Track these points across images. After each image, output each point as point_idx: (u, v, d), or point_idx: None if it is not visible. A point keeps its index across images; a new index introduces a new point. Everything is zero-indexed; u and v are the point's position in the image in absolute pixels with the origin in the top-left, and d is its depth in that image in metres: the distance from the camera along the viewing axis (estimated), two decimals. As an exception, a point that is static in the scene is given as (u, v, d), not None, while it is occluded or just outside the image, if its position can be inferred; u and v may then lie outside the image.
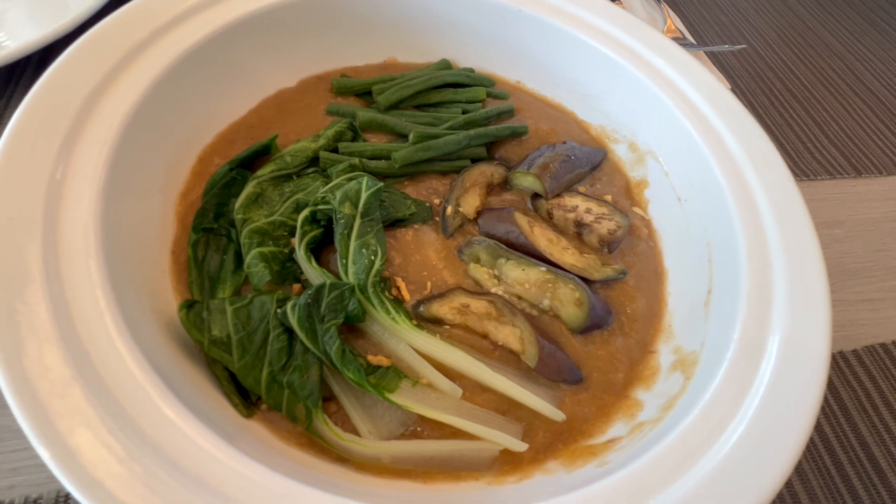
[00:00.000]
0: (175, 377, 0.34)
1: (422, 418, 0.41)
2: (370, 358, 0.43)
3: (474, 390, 0.43)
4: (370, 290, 0.43)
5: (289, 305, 0.41)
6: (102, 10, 0.71)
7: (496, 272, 0.50)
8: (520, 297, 0.49)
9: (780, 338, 0.38)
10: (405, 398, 0.41)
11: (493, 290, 0.49)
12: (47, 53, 0.71)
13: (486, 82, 0.65)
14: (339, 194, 0.45)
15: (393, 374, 0.42)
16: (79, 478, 0.27)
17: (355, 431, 0.40)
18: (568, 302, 0.48)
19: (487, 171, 0.56)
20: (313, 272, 0.44)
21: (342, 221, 0.45)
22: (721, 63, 1.00)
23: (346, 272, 0.44)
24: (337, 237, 0.45)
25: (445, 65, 0.66)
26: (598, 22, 0.62)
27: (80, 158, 0.38)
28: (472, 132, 0.57)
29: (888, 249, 0.77)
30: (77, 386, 0.29)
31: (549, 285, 0.49)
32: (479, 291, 0.49)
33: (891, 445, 0.56)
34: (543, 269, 0.49)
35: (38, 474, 0.45)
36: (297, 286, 0.46)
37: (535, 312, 0.49)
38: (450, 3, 0.64)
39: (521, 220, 0.53)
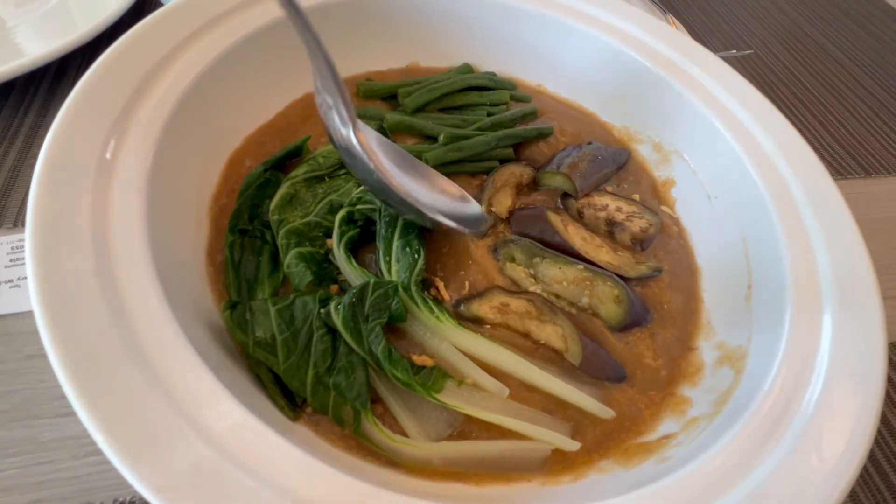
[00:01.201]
0: (228, 381, 0.33)
1: (469, 419, 0.40)
2: (414, 358, 0.42)
3: (519, 390, 0.42)
4: (413, 288, 0.43)
5: (332, 305, 0.40)
6: (118, 22, 0.71)
7: (532, 271, 0.50)
8: (558, 296, 0.49)
9: (833, 326, 0.38)
10: (453, 398, 0.40)
11: (531, 288, 0.49)
12: (64, 65, 0.71)
13: (508, 86, 0.65)
14: None
15: (438, 374, 0.41)
16: (154, 485, 0.26)
17: (403, 433, 0.39)
18: (607, 299, 0.48)
19: (517, 172, 0.56)
20: (353, 272, 0.44)
21: (386, 220, 0.44)
22: (727, 69, 1.01)
23: (388, 270, 0.44)
24: (380, 235, 0.45)
25: (467, 69, 0.66)
26: (618, 23, 0.63)
27: (123, 166, 0.37)
28: (500, 133, 0.57)
29: (902, 247, 0.78)
30: (147, 397, 0.29)
31: (588, 283, 0.48)
32: (517, 290, 0.48)
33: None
34: (581, 266, 0.49)
35: (66, 488, 0.43)
36: (334, 287, 0.45)
37: (573, 311, 0.49)
38: (472, 8, 0.64)
39: (555, 218, 0.53)
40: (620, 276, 0.50)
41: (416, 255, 0.44)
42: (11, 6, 0.75)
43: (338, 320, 0.40)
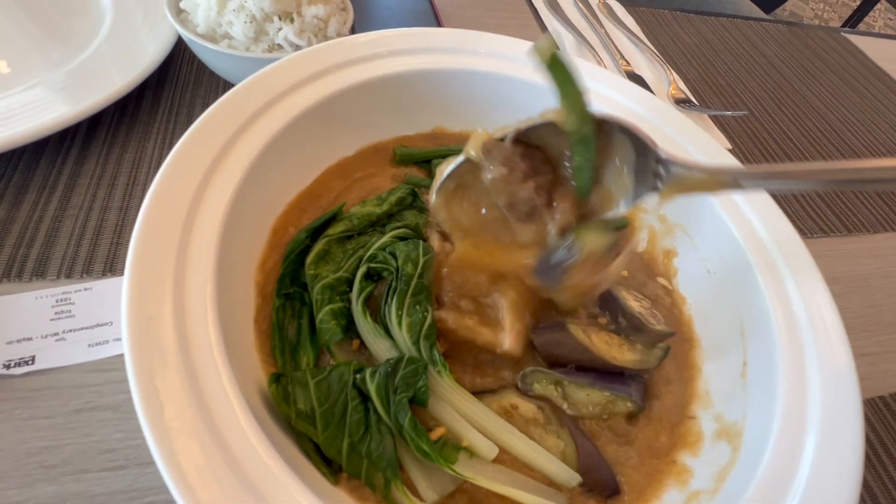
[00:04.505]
0: (284, 451, 0.37)
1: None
2: (432, 434, 0.45)
3: (514, 462, 0.46)
4: (422, 342, 0.47)
5: (368, 372, 0.44)
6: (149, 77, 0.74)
7: (561, 391, 0.51)
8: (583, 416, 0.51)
9: (819, 407, 0.43)
10: (466, 469, 0.43)
11: (564, 406, 0.50)
12: (97, 115, 0.72)
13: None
14: (401, 256, 0.50)
15: (450, 443, 0.45)
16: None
17: (418, 496, 0.43)
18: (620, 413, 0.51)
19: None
20: (365, 325, 0.48)
21: (403, 279, 0.49)
22: (722, 125, 1.07)
23: (399, 323, 0.47)
24: (396, 291, 0.49)
25: (490, 132, 0.71)
26: (627, 103, 0.68)
27: (195, 248, 0.41)
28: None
29: (880, 305, 0.81)
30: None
31: (610, 405, 0.51)
32: (531, 394, 0.50)
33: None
34: (606, 393, 0.51)
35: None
36: (356, 342, 0.49)
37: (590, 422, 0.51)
38: (495, 84, 0.68)
39: (577, 332, 0.52)
40: (644, 370, 0.52)
41: (426, 313, 0.48)
42: (45, 68, 0.76)
43: (371, 387, 0.44)
